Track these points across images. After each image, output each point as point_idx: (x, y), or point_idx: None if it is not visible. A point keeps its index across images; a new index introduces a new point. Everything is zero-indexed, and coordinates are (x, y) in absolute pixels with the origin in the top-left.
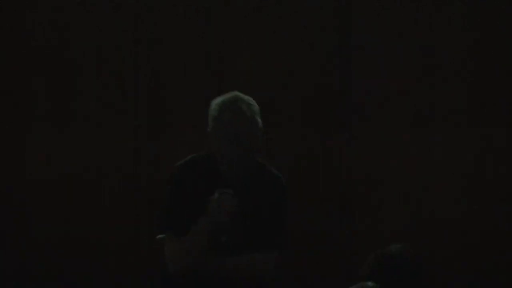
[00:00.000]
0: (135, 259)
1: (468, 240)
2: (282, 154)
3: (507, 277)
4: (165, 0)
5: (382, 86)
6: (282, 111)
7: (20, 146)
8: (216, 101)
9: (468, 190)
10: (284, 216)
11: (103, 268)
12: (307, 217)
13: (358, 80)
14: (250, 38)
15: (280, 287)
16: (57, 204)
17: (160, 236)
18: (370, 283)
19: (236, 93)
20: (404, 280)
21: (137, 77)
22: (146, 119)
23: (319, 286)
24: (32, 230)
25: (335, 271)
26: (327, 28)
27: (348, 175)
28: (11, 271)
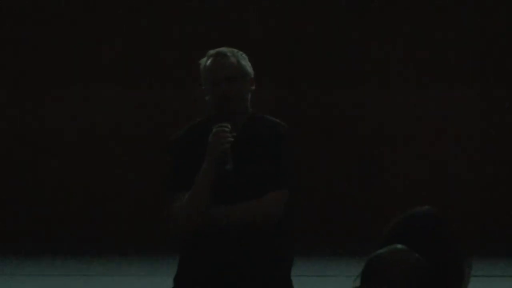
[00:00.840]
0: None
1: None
2: (303, 110)
3: None
4: None
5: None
6: (303, 67)
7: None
8: None
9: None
10: (287, 158)
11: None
12: (328, 175)
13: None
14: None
15: (293, 229)
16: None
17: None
18: (399, 245)
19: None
20: (430, 242)
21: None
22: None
23: (341, 245)
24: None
25: (357, 228)
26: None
27: (367, 132)
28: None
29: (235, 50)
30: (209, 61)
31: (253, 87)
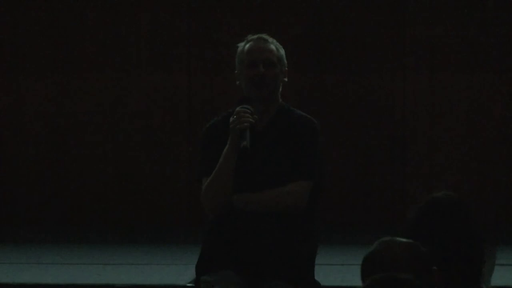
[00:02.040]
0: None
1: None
2: (332, 97)
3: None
4: None
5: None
6: (335, 51)
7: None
8: None
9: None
10: (314, 151)
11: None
12: (359, 161)
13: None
14: None
15: (319, 221)
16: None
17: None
18: (386, 238)
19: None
20: (451, 226)
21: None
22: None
23: (368, 228)
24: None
25: (385, 213)
26: None
27: (401, 116)
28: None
29: (275, 40)
30: (248, 44)
31: (286, 79)
